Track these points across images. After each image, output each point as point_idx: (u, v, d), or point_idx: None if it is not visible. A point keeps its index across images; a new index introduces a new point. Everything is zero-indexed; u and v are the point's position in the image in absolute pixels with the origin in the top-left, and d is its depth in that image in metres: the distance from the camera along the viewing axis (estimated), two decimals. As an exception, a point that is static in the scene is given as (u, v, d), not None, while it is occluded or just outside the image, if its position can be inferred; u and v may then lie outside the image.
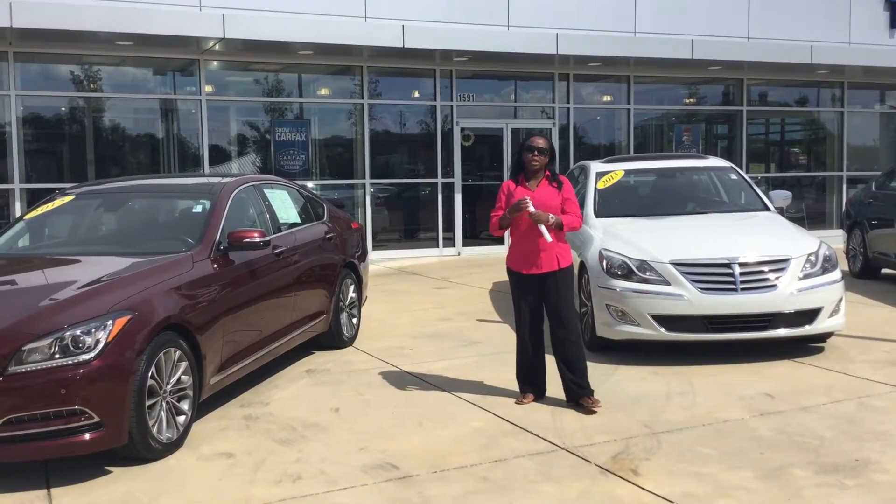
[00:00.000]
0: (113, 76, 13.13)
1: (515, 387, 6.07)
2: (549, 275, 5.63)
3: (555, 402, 5.72)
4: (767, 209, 8.25)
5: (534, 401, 5.76)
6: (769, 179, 16.92)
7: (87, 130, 13.01)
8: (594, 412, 5.47)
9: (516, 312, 5.85)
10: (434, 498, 4.26)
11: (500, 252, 14.89)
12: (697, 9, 15.35)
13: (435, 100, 14.69)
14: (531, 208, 5.45)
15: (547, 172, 5.72)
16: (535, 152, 5.65)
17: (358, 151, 14.37)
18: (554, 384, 5.80)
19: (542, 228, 5.49)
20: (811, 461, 4.63)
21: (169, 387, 4.91)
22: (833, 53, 15.73)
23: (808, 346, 7.15)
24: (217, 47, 12.60)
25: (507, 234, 5.89)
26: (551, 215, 5.53)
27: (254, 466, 4.72)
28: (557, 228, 5.58)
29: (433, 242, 14.85)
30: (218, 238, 5.78)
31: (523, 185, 5.72)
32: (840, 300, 6.92)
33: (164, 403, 4.87)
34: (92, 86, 12.90)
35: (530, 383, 5.83)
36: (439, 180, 14.73)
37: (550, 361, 5.80)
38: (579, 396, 5.59)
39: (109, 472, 4.67)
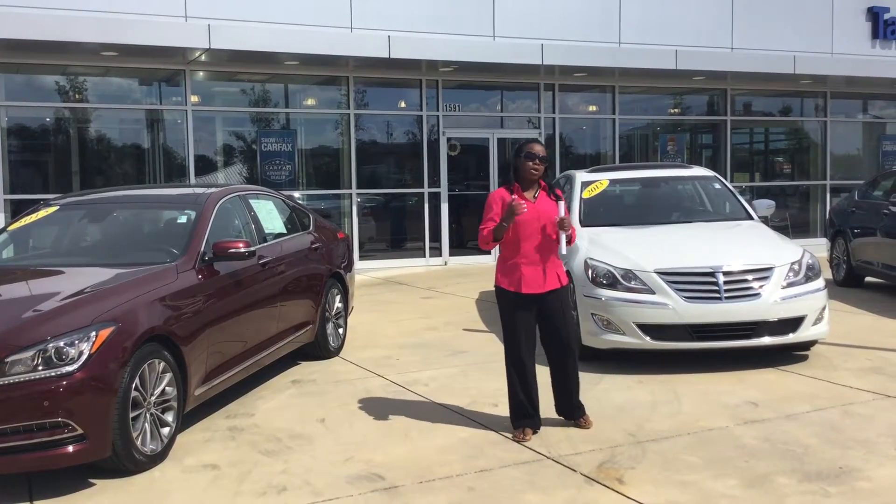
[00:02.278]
0: (98, 87, 13.09)
1: (501, 396, 6.05)
2: (552, 293, 5.24)
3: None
4: (751, 218, 8.30)
5: (533, 434, 5.28)
6: (753, 189, 17.04)
7: (73, 141, 12.97)
8: (587, 428, 5.36)
9: (511, 338, 5.29)
10: (419, 508, 4.26)
11: (487, 262, 14.97)
12: (681, 20, 15.46)
13: (421, 110, 14.72)
14: (562, 211, 5.15)
15: (543, 184, 5.34)
16: (537, 160, 5.23)
17: (344, 161, 14.38)
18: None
19: (563, 238, 5.16)
20: (795, 469, 4.65)
21: (153, 398, 4.89)
22: (816, 63, 15.87)
23: (792, 355, 7.19)
24: (203, 58, 12.59)
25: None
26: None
27: (239, 478, 4.71)
28: (567, 242, 5.28)
29: (420, 252, 14.86)
30: (203, 249, 5.77)
31: (520, 195, 5.27)
32: (824, 308, 6.96)
33: (148, 415, 4.85)
34: (77, 96, 12.86)
35: (528, 416, 5.31)
36: (426, 190, 14.75)
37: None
38: (577, 417, 5.42)
39: (93, 484, 4.64)
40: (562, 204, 5.28)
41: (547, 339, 5.36)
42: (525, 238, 5.18)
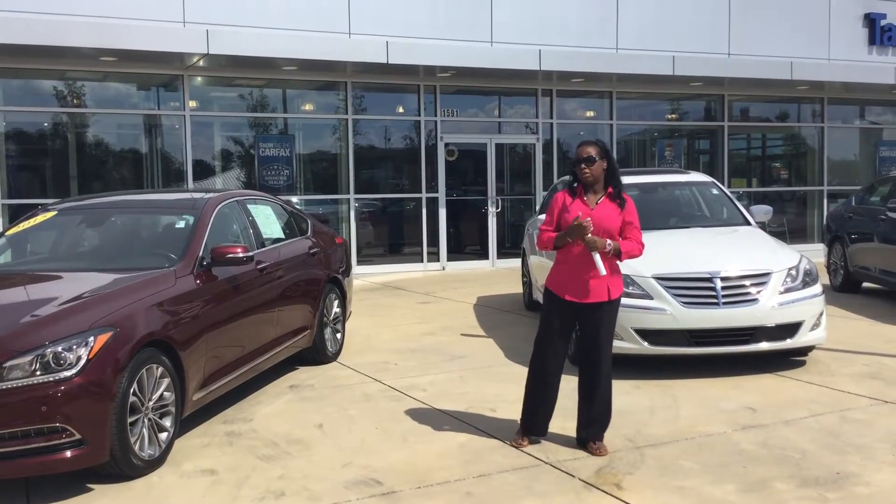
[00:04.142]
0: (96, 91, 13.10)
1: (499, 401, 6.08)
2: (595, 306, 4.97)
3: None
4: (749, 224, 8.33)
5: (530, 444, 5.17)
6: (750, 194, 17.05)
7: (71, 146, 12.97)
8: (597, 455, 5.00)
9: (543, 340, 5.10)
10: (418, 513, 4.26)
11: (485, 267, 15.01)
12: (679, 25, 15.50)
13: (419, 115, 14.74)
14: (589, 233, 4.82)
15: (609, 189, 5.02)
16: (583, 164, 4.93)
17: (342, 166, 14.39)
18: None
19: (596, 258, 4.83)
20: (793, 474, 4.66)
21: (151, 403, 4.89)
22: (813, 69, 15.90)
23: (789, 360, 7.20)
24: (201, 63, 12.60)
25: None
26: (609, 241, 4.88)
27: (237, 483, 4.70)
28: (615, 256, 4.94)
29: (417, 257, 14.86)
30: (201, 253, 5.77)
31: (581, 200, 5.01)
32: (821, 314, 6.97)
33: (146, 420, 4.84)
34: (75, 101, 12.86)
35: (534, 423, 5.18)
36: (423, 195, 14.76)
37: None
38: (587, 440, 5.11)
39: (91, 489, 4.63)
40: (628, 210, 5.00)
41: (580, 352, 5.20)
42: (576, 244, 4.92)
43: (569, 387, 5.23)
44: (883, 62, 16.97)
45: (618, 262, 5.07)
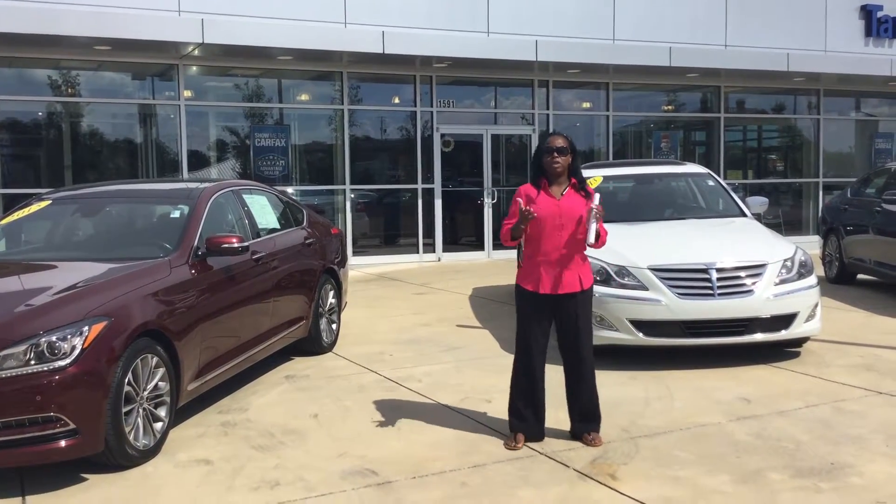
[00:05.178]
0: (91, 81, 13.04)
1: (495, 392, 6.08)
2: (570, 297, 4.99)
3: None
4: (744, 215, 8.33)
5: (526, 442, 5.06)
6: (746, 186, 17.06)
7: (65, 135, 12.92)
8: (592, 446, 5.01)
9: (522, 338, 5.08)
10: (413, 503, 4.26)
11: (480, 258, 15.01)
12: (676, 17, 15.47)
13: (415, 105, 14.70)
14: (595, 202, 4.88)
15: (573, 180, 5.07)
16: (555, 153, 4.99)
17: (338, 157, 14.36)
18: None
19: (593, 227, 4.87)
20: (787, 465, 4.67)
21: (146, 393, 4.88)
22: (809, 61, 15.91)
23: (784, 351, 7.21)
24: (196, 52, 12.55)
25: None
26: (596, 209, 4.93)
27: (232, 473, 4.70)
28: (596, 240, 4.94)
29: (413, 248, 14.86)
30: (196, 243, 5.76)
31: (546, 192, 5.05)
32: (816, 305, 6.98)
33: (140, 410, 4.84)
34: (70, 90, 12.81)
35: (522, 420, 5.09)
36: (419, 186, 14.74)
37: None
38: (581, 432, 5.11)
39: (85, 479, 4.63)
40: (596, 197, 4.98)
41: (561, 344, 5.14)
42: (545, 236, 4.95)
43: (559, 377, 5.22)
44: (879, 54, 16.97)
45: (587, 251, 5.09)
